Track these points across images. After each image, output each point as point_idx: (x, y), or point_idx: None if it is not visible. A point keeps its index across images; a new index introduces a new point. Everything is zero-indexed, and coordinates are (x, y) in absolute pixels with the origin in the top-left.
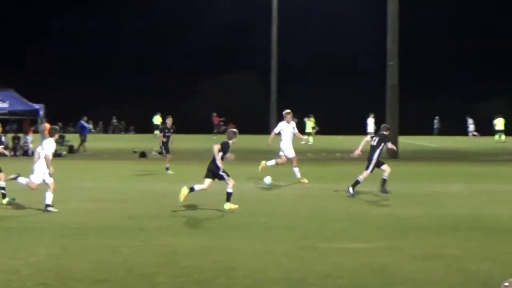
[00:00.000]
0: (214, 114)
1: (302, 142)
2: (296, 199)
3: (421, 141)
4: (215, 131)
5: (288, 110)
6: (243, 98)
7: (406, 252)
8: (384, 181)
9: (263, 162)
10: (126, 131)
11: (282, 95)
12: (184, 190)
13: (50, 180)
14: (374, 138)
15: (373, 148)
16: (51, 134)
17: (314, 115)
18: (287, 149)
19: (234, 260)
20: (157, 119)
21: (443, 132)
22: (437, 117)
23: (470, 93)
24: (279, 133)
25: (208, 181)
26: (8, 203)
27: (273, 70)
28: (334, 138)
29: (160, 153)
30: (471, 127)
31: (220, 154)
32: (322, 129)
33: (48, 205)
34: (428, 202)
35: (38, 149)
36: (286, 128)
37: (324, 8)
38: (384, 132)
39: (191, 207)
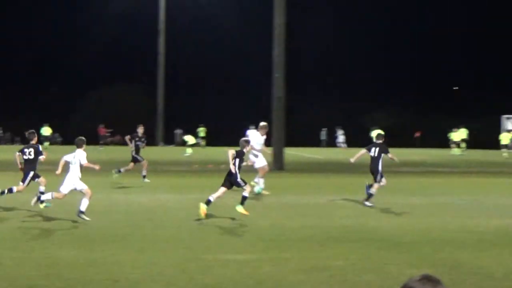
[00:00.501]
0: (101, 126)
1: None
2: (183, 210)
3: (307, 152)
4: (101, 142)
5: (265, 123)
6: (130, 110)
7: (291, 264)
8: (370, 186)
9: (253, 184)
10: (12, 142)
11: (169, 106)
12: (202, 206)
13: (85, 187)
14: (373, 149)
15: (374, 159)
16: (79, 145)
17: (205, 125)
18: (259, 159)
19: (118, 271)
20: (46, 130)
21: (330, 144)
22: (324, 129)
23: (355, 105)
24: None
25: (223, 189)
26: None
27: (159, 82)
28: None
29: (119, 171)
30: (341, 138)
31: (237, 160)
32: (209, 140)
33: (81, 212)
34: (314, 213)
35: (67, 160)
36: (259, 140)
37: (213, 19)
38: (380, 141)
39: (77, 219)
